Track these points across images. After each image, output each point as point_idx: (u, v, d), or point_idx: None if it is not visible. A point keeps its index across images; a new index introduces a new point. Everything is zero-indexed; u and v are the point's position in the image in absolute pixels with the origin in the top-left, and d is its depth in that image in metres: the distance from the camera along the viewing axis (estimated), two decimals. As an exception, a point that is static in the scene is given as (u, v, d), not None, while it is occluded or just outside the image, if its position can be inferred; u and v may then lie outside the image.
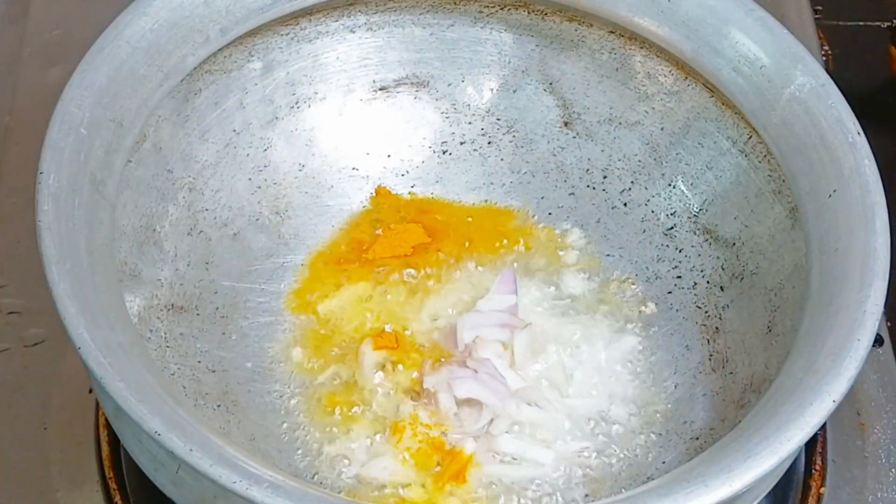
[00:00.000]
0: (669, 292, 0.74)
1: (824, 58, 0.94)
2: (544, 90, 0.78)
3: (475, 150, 0.79)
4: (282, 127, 0.75)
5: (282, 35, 0.73)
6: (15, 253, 0.78)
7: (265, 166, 0.75)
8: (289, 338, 0.71)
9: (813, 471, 0.71)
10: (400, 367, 0.70)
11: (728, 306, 0.71)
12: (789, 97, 0.66)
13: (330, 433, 0.68)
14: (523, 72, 0.78)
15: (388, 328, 0.71)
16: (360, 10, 0.75)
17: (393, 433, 0.67)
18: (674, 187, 0.75)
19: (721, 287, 0.72)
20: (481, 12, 0.76)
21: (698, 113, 0.73)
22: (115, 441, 0.69)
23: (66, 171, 0.59)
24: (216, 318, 0.70)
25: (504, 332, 0.70)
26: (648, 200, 0.76)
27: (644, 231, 0.76)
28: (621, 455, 0.68)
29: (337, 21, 0.75)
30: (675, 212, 0.75)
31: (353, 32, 0.76)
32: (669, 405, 0.69)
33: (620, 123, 0.77)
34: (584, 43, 0.76)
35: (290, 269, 0.74)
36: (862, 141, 0.64)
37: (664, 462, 0.67)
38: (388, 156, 0.78)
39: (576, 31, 0.75)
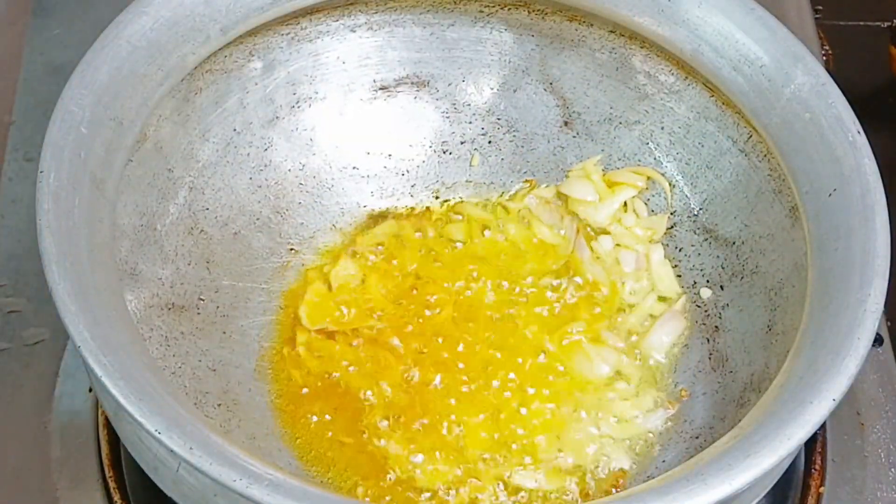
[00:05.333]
0: (669, 292, 0.74)
1: (824, 58, 0.94)
2: (544, 90, 0.78)
3: (475, 149, 0.79)
4: (282, 126, 0.75)
5: (282, 34, 0.73)
6: (15, 252, 0.78)
7: (266, 166, 0.75)
8: (289, 337, 0.71)
9: (812, 470, 0.71)
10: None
11: (728, 305, 0.71)
12: (789, 96, 0.66)
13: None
14: (523, 71, 0.78)
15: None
16: (360, 10, 0.75)
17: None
18: (674, 186, 0.75)
19: (721, 286, 0.72)
20: (482, 12, 0.76)
21: (698, 112, 0.73)
22: (115, 440, 0.69)
23: (67, 170, 0.59)
24: (217, 317, 0.70)
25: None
26: (648, 200, 0.76)
27: (644, 230, 0.76)
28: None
29: (337, 20, 0.75)
30: (674, 211, 0.75)
31: (354, 32, 0.76)
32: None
33: (620, 123, 0.77)
34: (584, 42, 0.76)
35: (291, 268, 0.74)
36: (862, 140, 0.64)
37: (664, 461, 0.67)
38: (389, 155, 0.78)
39: (576, 30, 0.76)
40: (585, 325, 0.72)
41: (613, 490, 0.66)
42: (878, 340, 0.76)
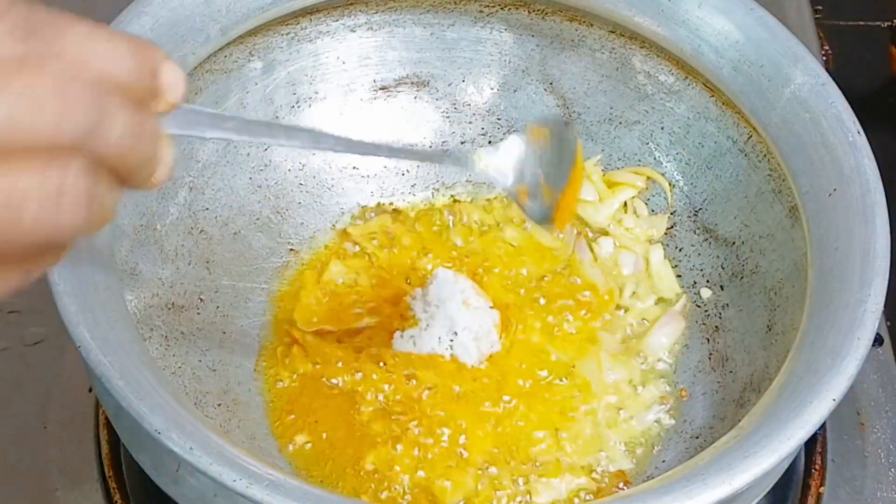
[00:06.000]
0: (669, 292, 0.74)
1: (824, 57, 0.94)
2: (544, 90, 0.78)
3: (476, 149, 0.79)
4: (282, 126, 0.75)
5: (282, 34, 0.73)
6: (15, 252, 0.78)
7: (265, 166, 0.75)
8: (289, 338, 0.71)
9: (812, 470, 0.71)
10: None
11: (728, 305, 0.71)
12: (789, 96, 0.66)
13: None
14: (524, 71, 0.78)
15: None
16: (360, 10, 0.75)
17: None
18: (673, 186, 0.75)
19: (721, 286, 0.72)
20: (482, 12, 0.76)
21: (698, 112, 0.73)
22: (115, 440, 0.69)
23: (67, 170, 0.59)
24: (217, 317, 0.70)
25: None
26: (648, 200, 0.76)
27: (644, 230, 0.76)
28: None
29: (337, 21, 0.75)
30: (674, 211, 0.75)
31: (354, 32, 0.76)
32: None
33: (620, 123, 0.77)
34: (584, 42, 0.76)
35: (291, 268, 0.74)
36: (862, 140, 0.64)
37: (664, 461, 0.67)
38: (389, 155, 0.78)
39: (576, 30, 0.76)
40: (583, 324, 0.72)
41: (622, 487, 0.66)
42: (878, 340, 0.76)
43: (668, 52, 0.72)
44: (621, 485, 0.66)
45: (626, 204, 0.76)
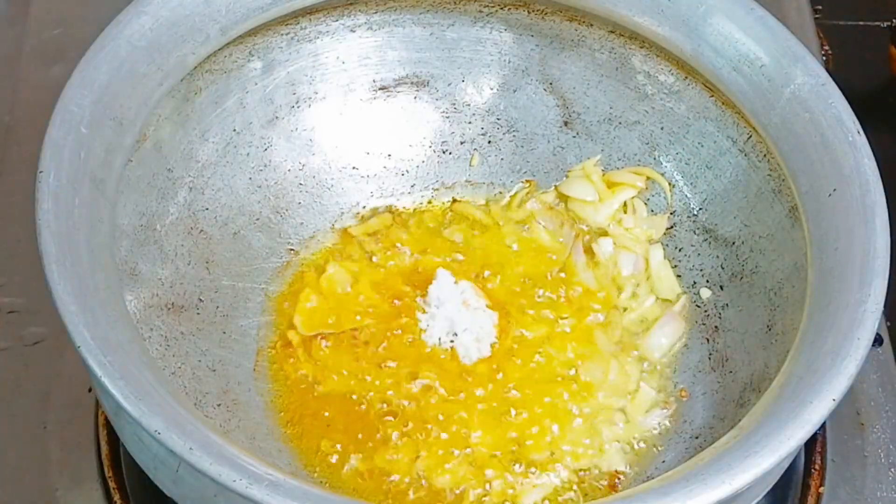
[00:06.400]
0: (669, 292, 0.74)
1: (824, 58, 0.94)
2: (544, 90, 0.78)
3: (475, 149, 0.79)
4: (282, 126, 0.75)
5: (282, 34, 0.73)
6: (15, 252, 0.78)
7: (265, 166, 0.75)
8: (288, 338, 0.71)
9: (812, 470, 0.71)
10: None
11: (727, 305, 0.71)
12: (789, 96, 0.66)
13: (330, 432, 0.68)
14: (523, 71, 0.78)
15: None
16: (360, 10, 0.75)
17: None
18: (673, 186, 0.75)
19: (721, 286, 0.72)
20: (481, 12, 0.76)
21: (698, 112, 0.73)
22: (115, 440, 0.69)
23: (66, 170, 0.59)
24: (216, 317, 0.70)
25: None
26: (648, 200, 0.76)
27: (644, 230, 0.76)
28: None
29: (337, 20, 0.75)
30: (674, 211, 0.75)
31: (354, 32, 0.76)
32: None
33: (620, 123, 0.77)
34: (584, 42, 0.76)
35: (291, 268, 0.74)
36: (862, 140, 0.64)
37: (664, 461, 0.67)
38: (389, 155, 0.78)
39: (576, 30, 0.76)
40: (581, 324, 0.72)
41: (615, 485, 0.67)
42: (878, 340, 0.76)
43: (668, 52, 0.72)
44: (617, 482, 0.66)
45: (625, 204, 0.76)
